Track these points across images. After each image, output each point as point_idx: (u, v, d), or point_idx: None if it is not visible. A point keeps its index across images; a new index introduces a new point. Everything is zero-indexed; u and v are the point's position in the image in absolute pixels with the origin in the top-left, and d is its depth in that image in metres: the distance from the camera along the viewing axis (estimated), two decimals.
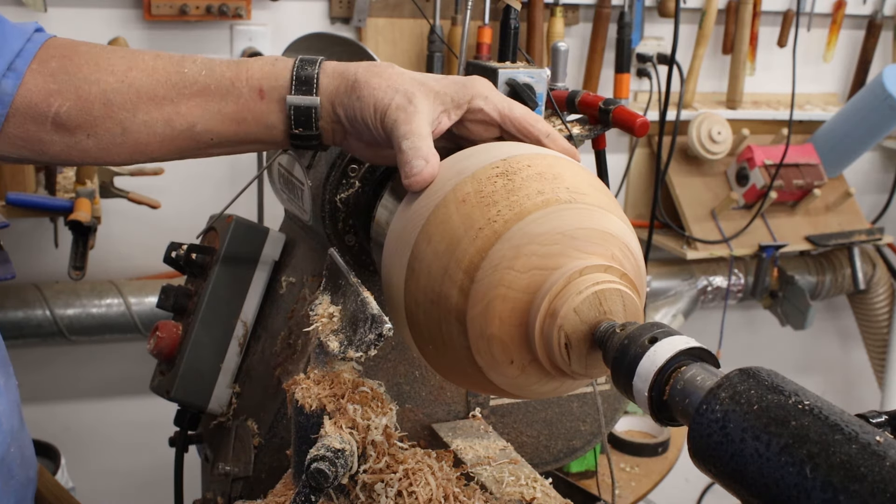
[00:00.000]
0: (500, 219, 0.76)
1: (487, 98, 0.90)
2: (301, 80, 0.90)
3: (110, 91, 0.89)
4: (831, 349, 3.42)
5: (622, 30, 2.54)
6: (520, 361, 0.77)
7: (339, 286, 0.88)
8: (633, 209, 2.84)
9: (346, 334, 0.84)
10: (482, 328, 0.76)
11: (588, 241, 0.75)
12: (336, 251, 0.92)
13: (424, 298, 0.79)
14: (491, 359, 0.77)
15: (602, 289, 0.73)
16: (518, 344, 0.76)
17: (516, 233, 0.75)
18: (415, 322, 0.82)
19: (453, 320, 0.77)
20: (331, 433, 0.80)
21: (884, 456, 0.51)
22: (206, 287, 1.23)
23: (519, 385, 0.80)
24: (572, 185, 0.79)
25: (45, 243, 2.22)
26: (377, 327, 0.80)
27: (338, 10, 2.37)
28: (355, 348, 0.82)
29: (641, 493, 1.84)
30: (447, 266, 0.77)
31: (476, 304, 0.76)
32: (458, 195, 0.79)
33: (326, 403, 0.83)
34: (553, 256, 0.74)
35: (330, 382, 0.84)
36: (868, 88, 2.72)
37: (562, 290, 0.73)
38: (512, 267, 0.74)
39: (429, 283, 0.78)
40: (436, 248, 0.78)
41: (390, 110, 0.87)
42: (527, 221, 0.75)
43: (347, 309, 0.85)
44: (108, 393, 2.49)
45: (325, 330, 0.86)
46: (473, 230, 0.76)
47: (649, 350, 0.67)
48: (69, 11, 2.17)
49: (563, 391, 0.84)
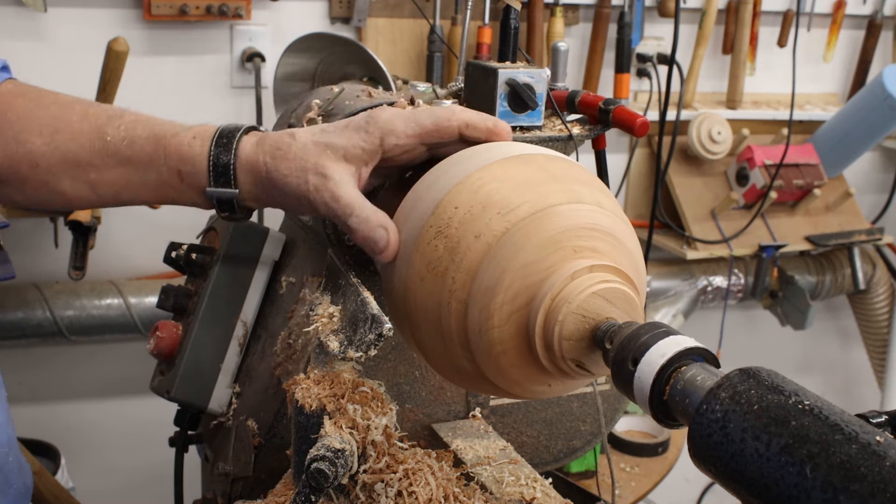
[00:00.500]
0: (456, 286, 0.75)
1: (394, 131, 0.85)
2: (218, 172, 0.87)
3: (37, 154, 0.88)
4: (831, 349, 3.42)
5: (622, 30, 2.54)
6: (534, 380, 0.80)
7: (339, 286, 0.88)
8: (633, 209, 2.84)
9: (346, 334, 0.84)
10: (506, 382, 0.79)
11: (544, 257, 0.74)
12: (336, 251, 0.92)
13: (447, 369, 0.83)
14: (508, 389, 0.81)
15: (580, 302, 0.72)
16: (534, 373, 0.78)
17: (476, 295, 0.75)
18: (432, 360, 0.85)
19: (474, 380, 0.81)
20: (331, 433, 0.81)
21: (884, 456, 0.51)
22: (206, 287, 1.23)
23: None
24: (503, 204, 0.76)
25: (45, 243, 2.22)
26: (377, 327, 0.81)
27: (338, 10, 2.37)
28: (355, 348, 0.82)
29: (641, 493, 1.84)
30: (446, 346, 0.79)
31: (488, 368, 0.78)
32: (416, 274, 0.79)
33: (326, 403, 0.83)
34: (522, 293, 0.74)
35: (330, 382, 0.85)
36: (868, 88, 2.72)
37: (545, 322, 0.74)
38: (492, 326, 0.75)
39: (444, 360, 0.82)
40: (428, 333, 0.80)
41: (311, 195, 0.84)
42: (480, 278, 0.74)
43: (347, 309, 0.85)
44: (108, 393, 2.49)
45: (325, 330, 0.86)
46: (444, 307, 0.77)
47: (649, 350, 0.67)
48: (69, 11, 2.17)
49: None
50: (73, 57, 2.17)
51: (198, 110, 2.32)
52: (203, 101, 2.33)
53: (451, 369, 0.82)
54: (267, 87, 2.27)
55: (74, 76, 2.16)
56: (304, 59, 1.83)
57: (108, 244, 2.30)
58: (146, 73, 2.24)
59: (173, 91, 2.29)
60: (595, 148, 1.27)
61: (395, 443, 0.86)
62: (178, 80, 2.30)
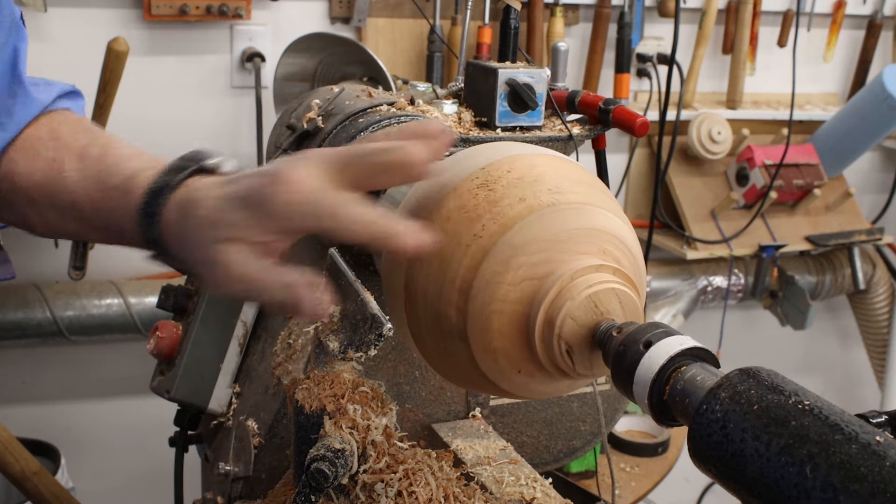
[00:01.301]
0: (485, 233, 0.76)
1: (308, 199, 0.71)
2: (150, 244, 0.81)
3: None
4: (831, 349, 3.42)
5: (622, 30, 2.54)
6: (527, 369, 0.77)
7: (339, 286, 0.88)
8: (633, 209, 2.84)
9: (346, 334, 0.84)
10: (485, 343, 0.76)
11: (576, 242, 0.75)
12: (336, 251, 0.92)
13: (425, 319, 0.79)
14: (498, 371, 0.77)
15: (596, 290, 0.73)
16: (522, 354, 0.76)
17: (502, 246, 0.75)
18: (421, 340, 0.82)
19: (456, 338, 0.77)
20: (331, 433, 0.81)
21: (884, 456, 0.51)
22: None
23: (518, 383, 0.80)
24: (554, 185, 0.78)
25: (45, 243, 2.22)
26: (377, 327, 0.80)
27: (338, 10, 2.37)
28: (355, 348, 0.82)
29: (641, 493, 1.84)
30: (442, 287, 0.77)
31: (475, 322, 0.75)
32: (442, 213, 0.78)
33: (326, 403, 0.83)
34: (543, 264, 0.74)
35: (330, 382, 0.85)
36: (868, 88, 2.72)
37: (555, 298, 0.73)
38: (503, 281, 0.74)
39: (426, 305, 0.78)
40: (428, 270, 0.78)
41: (212, 285, 0.77)
42: (512, 233, 0.75)
43: (347, 309, 0.85)
44: (108, 393, 2.49)
45: (325, 330, 0.86)
46: (461, 248, 0.76)
47: (649, 350, 0.67)
48: (69, 11, 2.17)
49: (564, 391, 0.84)
50: (73, 57, 2.17)
51: (198, 110, 2.32)
52: (203, 101, 2.33)
53: (432, 318, 0.79)
54: (267, 87, 2.27)
55: (74, 76, 2.16)
56: (304, 59, 1.83)
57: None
58: (146, 73, 2.24)
59: (173, 91, 2.29)
60: (595, 148, 1.27)
61: (396, 443, 0.86)
62: (178, 80, 2.30)
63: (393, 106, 1.14)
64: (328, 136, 1.12)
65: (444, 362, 0.82)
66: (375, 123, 1.09)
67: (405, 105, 1.15)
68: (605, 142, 1.26)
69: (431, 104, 1.21)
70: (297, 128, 1.17)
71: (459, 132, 1.17)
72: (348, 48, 1.81)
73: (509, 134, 1.19)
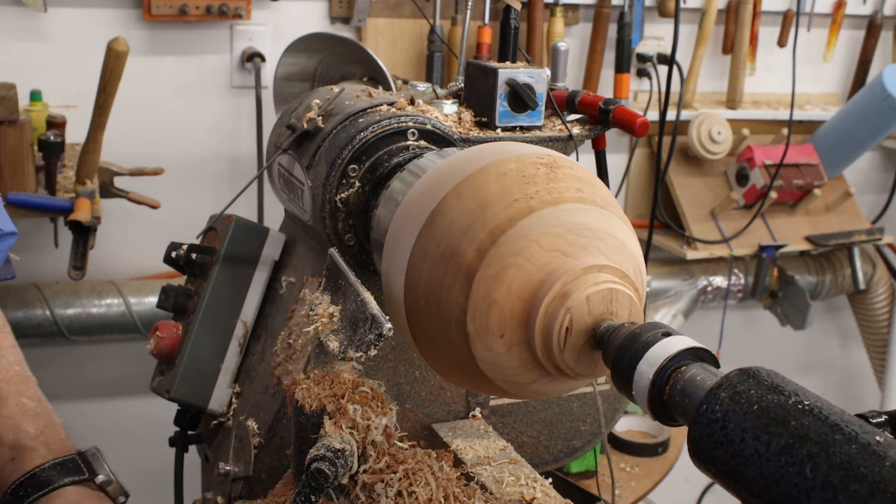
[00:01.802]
0: (537, 197, 0.78)
1: None
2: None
3: None
4: (831, 349, 3.42)
5: (622, 30, 2.54)
6: (510, 338, 0.77)
7: (339, 286, 0.88)
8: (633, 209, 2.83)
9: (346, 334, 0.85)
10: (487, 291, 0.76)
11: (611, 248, 0.77)
12: (336, 251, 0.92)
13: (436, 251, 0.80)
14: (484, 326, 0.77)
15: (617, 289, 0.74)
16: (516, 318, 0.76)
17: (549, 214, 0.77)
18: (415, 274, 0.82)
19: (460, 277, 0.78)
20: (331, 433, 0.81)
21: (884, 456, 0.51)
22: (206, 287, 1.23)
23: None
24: (605, 197, 0.82)
25: (45, 243, 2.22)
26: (377, 327, 0.81)
27: (338, 10, 2.37)
28: (355, 348, 0.83)
29: (641, 493, 1.84)
30: (471, 224, 0.78)
31: (490, 266, 0.76)
32: (499, 168, 0.81)
33: (326, 403, 0.83)
34: (577, 246, 0.76)
35: (330, 382, 0.85)
36: (868, 88, 2.72)
37: (579, 278, 0.74)
38: (537, 241, 0.76)
39: (447, 236, 0.80)
40: (465, 206, 0.80)
41: None
42: (562, 208, 0.78)
43: (347, 309, 0.86)
44: (108, 393, 2.49)
45: (325, 330, 0.87)
46: (508, 199, 0.78)
47: (649, 350, 0.67)
48: (69, 11, 2.17)
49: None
50: (73, 57, 2.17)
51: (198, 110, 2.32)
52: (203, 101, 2.33)
53: (446, 252, 0.80)
54: (267, 87, 2.27)
55: (74, 76, 2.16)
56: (304, 59, 1.83)
57: (108, 244, 2.30)
58: (146, 73, 2.24)
59: (173, 91, 2.29)
60: (595, 148, 1.27)
61: (396, 443, 0.86)
62: (178, 80, 2.30)
63: (393, 106, 1.14)
64: (328, 136, 1.12)
65: (427, 306, 0.82)
66: (375, 123, 1.09)
67: (405, 105, 1.15)
68: (605, 142, 1.26)
69: (431, 104, 1.21)
70: (297, 128, 1.17)
71: (459, 132, 1.17)
72: (348, 48, 1.81)
73: (509, 134, 1.19)
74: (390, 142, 1.09)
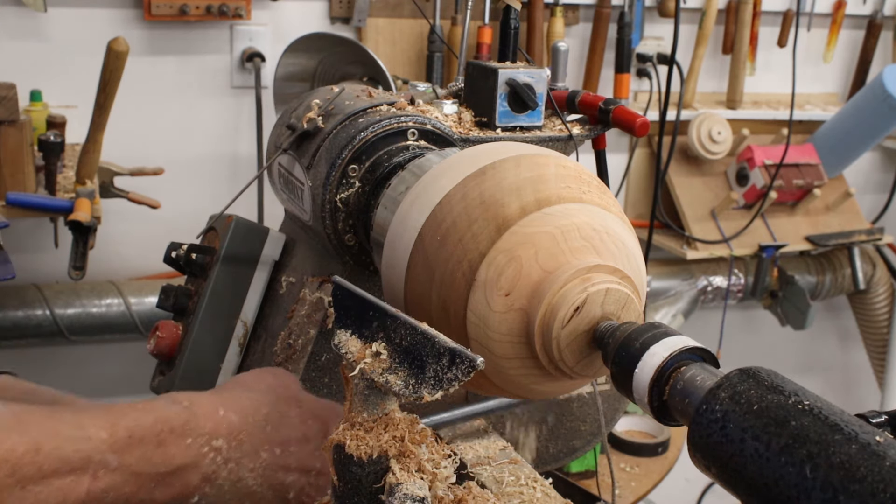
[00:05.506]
0: (588, 194, 0.82)
1: None
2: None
3: None
4: (831, 349, 3.42)
5: (622, 30, 2.54)
6: (513, 299, 0.76)
7: (366, 319, 0.77)
8: (633, 209, 2.84)
9: (408, 372, 0.73)
10: (515, 245, 0.77)
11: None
12: (341, 280, 0.81)
13: (478, 198, 0.81)
14: (495, 277, 0.76)
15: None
16: (530, 284, 0.75)
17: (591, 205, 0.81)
18: (437, 218, 0.83)
19: (493, 225, 0.78)
20: (403, 479, 0.71)
21: (884, 456, 0.51)
22: (206, 287, 1.23)
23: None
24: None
25: (45, 243, 2.22)
26: (466, 361, 0.69)
27: (338, 10, 2.37)
28: (432, 387, 0.71)
29: (641, 493, 1.84)
30: (523, 186, 0.80)
31: (528, 225, 0.77)
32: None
33: (389, 448, 0.73)
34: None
35: (384, 426, 0.75)
36: (868, 88, 2.72)
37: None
38: (578, 228, 0.78)
39: (494, 189, 0.81)
40: (522, 173, 0.82)
41: None
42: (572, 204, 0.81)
43: (398, 344, 0.75)
44: (109, 393, 2.48)
45: (375, 369, 0.75)
46: (562, 183, 0.81)
47: (649, 350, 0.67)
48: (69, 11, 2.17)
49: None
50: (73, 57, 2.17)
51: (198, 110, 2.32)
52: (203, 101, 2.33)
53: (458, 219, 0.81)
54: (267, 87, 2.27)
55: (74, 76, 2.16)
56: (304, 59, 1.83)
57: (108, 244, 2.30)
58: (146, 73, 2.24)
59: (173, 91, 2.29)
60: (595, 148, 1.27)
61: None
62: (178, 80, 2.30)
63: (393, 106, 1.14)
64: (328, 136, 1.12)
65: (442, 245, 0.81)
66: (375, 123, 1.09)
67: (405, 105, 1.15)
68: (605, 142, 1.26)
69: (431, 104, 1.21)
70: (297, 128, 1.17)
71: (459, 132, 1.17)
72: (348, 48, 1.81)
73: (509, 134, 1.19)
74: (390, 142, 1.09)
